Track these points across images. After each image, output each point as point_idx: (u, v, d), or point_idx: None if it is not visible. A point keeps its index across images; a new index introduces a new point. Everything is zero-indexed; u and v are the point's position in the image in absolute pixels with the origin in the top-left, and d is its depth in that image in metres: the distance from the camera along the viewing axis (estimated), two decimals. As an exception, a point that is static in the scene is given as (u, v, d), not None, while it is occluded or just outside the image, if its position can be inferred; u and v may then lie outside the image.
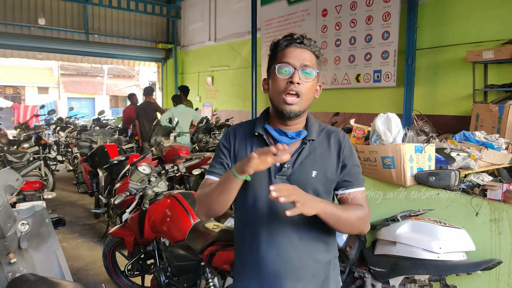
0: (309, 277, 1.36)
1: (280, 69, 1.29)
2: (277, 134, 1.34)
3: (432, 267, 2.08)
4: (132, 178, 2.83)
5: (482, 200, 2.19)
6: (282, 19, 7.89)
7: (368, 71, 6.33)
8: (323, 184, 1.35)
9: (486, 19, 5.01)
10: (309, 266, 1.36)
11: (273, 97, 1.33)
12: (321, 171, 1.34)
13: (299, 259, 1.34)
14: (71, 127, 9.55)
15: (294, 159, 1.33)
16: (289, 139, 1.33)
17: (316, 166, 1.34)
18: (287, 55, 1.29)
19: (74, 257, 4.02)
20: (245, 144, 1.39)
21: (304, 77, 1.28)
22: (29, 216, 1.85)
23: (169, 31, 11.95)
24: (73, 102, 21.86)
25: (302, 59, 1.29)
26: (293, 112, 1.29)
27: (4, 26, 9.32)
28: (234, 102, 9.70)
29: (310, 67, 1.29)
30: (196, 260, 2.38)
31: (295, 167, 1.32)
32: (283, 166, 1.32)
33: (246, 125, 1.45)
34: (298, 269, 1.34)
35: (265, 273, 1.35)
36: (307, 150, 1.35)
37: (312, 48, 1.31)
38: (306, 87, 1.29)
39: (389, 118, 2.52)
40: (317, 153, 1.35)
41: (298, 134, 1.35)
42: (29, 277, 1.58)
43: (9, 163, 4.35)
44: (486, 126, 4.27)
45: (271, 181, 1.32)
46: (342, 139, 1.39)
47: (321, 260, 1.39)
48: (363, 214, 1.35)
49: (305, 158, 1.34)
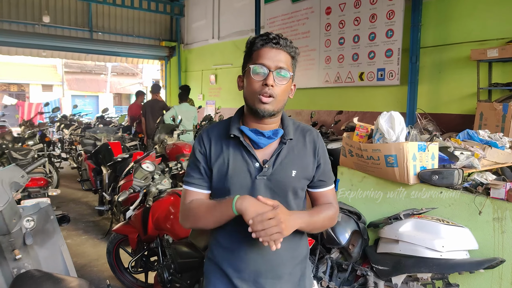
0: (287, 275, 1.37)
1: (254, 70, 1.27)
2: (253, 134, 1.32)
3: (434, 265, 2.08)
4: (135, 175, 2.84)
5: (485, 199, 2.19)
6: (285, 17, 7.87)
7: (371, 70, 6.31)
8: (301, 183, 1.37)
9: (491, 17, 4.98)
10: (287, 264, 1.37)
11: (247, 96, 1.32)
12: (299, 170, 1.35)
13: (278, 257, 1.34)
14: (75, 124, 9.59)
15: (274, 159, 1.33)
16: (267, 139, 1.32)
17: (295, 165, 1.35)
18: (262, 56, 1.27)
19: (78, 253, 4.05)
20: (221, 146, 1.36)
21: (278, 79, 1.27)
22: (34, 213, 1.86)
23: (173, 29, 11.95)
24: (77, 99, 21.95)
25: (277, 61, 1.27)
26: (267, 112, 1.28)
27: (8, 23, 9.36)
28: (237, 100, 9.70)
29: (284, 69, 1.28)
30: (199, 257, 2.39)
31: (275, 167, 1.32)
32: (263, 167, 1.32)
33: (219, 126, 1.42)
34: (277, 267, 1.35)
35: (245, 273, 1.34)
36: (286, 149, 1.35)
37: (287, 49, 1.30)
38: (280, 89, 1.28)
39: (392, 116, 2.51)
40: (295, 152, 1.36)
41: (275, 133, 1.33)
42: (34, 273, 1.59)
43: (14, 160, 4.38)
44: (490, 125, 4.25)
45: (252, 181, 1.31)
46: (316, 138, 1.41)
47: (297, 257, 1.41)
48: (333, 213, 1.41)
49: (285, 157, 1.34)
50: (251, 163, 1.33)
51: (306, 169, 1.37)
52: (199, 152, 1.38)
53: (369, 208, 2.66)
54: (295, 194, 1.37)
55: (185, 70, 11.90)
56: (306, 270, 1.46)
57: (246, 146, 1.33)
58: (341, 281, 2.56)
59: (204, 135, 1.41)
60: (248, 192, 1.31)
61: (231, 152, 1.34)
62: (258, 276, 1.34)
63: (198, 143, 1.40)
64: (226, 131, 1.37)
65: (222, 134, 1.38)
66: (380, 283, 2.38)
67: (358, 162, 2.73)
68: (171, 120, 6.24)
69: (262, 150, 1.35)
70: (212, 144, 1.37)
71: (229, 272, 1.36)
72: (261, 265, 1.33)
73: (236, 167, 1.33)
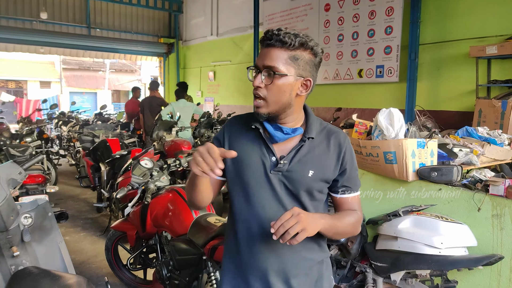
0: (302, 275, 1.34)
1: (248, 71, 1.27)
2: (272, 128, 1.29)
3: (433, 262, 2.08)
4: (134, 172, 2.83)
5: (484, 195, 2.19)
6: (284, 14, 7.85)
7: (370, 66, 6.31)
8: (318, 184, 1.31)
9: (490, 14, 4.97)
10: (302, 264, 1.34)
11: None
12: (318, 171, 1.29)
13: (292, 257, 1.31)
14: (73, 121, 9.56)
15: (292, 155, 1.29)
16: (284, 134, 1.29)
17: (313, 165, 1.29)
18: (259, 56, 1.25)
19: (76, 250, 4.04)
20: (240, 137, 1.35)
21: (266, 80, 1.21)
22: (32, 210, 1.85)
23: (171, 25, 11.91)
24: (75, 96, 21.86)
25: (264, 60, 1.21)
26: (260, 114, 1.25)
27: (6, 20, 9.31)
28: (236, 97, 9.69)
29: (271, 68, 1.20)
30: (198, 254, 2.39)
31: (292, 164, 1.29)
32: (279, 162, 1.29)
33: (244, 117, 1.40)
34: (291, 267, 1.32)
35: (257, 270, 1.32)
36: (306, 148, 1.30)
37: (280, 44, 1.20)
38: (270, 90, 1.22)
39: (391, 113, 2.51)
40: (316, 152, 1.31)
41: (294, 130, 1.30)
42: (32, 270, 1.59)
43: (11, 157, 4.36)
44: (489, 122, 4.25)
45: (267, 176, 1.29)
46: (343, 142, 1.34)
47: (314, 259, 1.36)
48: (356, 220, 1.35)
49: (304, 156, 1.30)
50: (268, 156, 1.30)
51: (325, 172, 1.31)
52: (217, 141, 1.39)
53: (368, 205, 2.66)
54: (310, 195, 1.32)
55: (184, 67, 11.87)
56: (324, 272, 1.40)
57: (265, 138, 1.30)
58: (340, 277, 2.56)
59: (226, 126, 1.41)
60: (261, 186, 1.29)
61: (250, 144, 1.32)
62: (270, 275, 1.31)
63: (220, 132, 1.41)
64: (249, 122, 1.34)
65: (245, 125, 1.36)
66: (378, 280, 2.38)
67: (357, 159, 2.73)
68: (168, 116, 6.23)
69: (281, 146, 1.31)
70: (232, 134, 1.36)
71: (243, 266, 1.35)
72: (273, 263, 1.31)
73: (252, 160, 1.30)
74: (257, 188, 1.30)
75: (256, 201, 1.31)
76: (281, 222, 1.10)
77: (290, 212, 1.12)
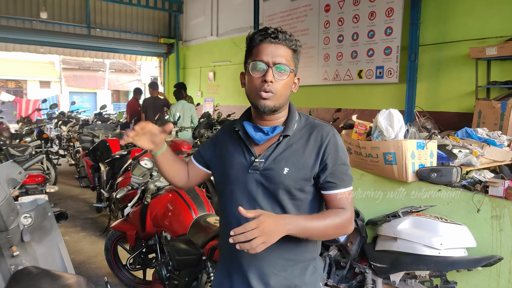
0: (281, 277, 1.31)
1: (253, 67, 1.26)
2: (252, 130, 1.33)
3: (433, 263, 2.09)
4: (134, 172, 2.83)
5: (484, 196, 2.19)
6: (284, 14, 7.85)
7: (370, 67, 6.31)
8: (295, 182, 1.28)
9: (490, 15, 4.98)
10: (279, 263, 1.31)
11: (249, 93, 1.31)
12: (293, 168, 1.28)
13: (267, 255, 1.25)
14: (73, 121, 9.55)
15: (268, 154, 1.31)
16: (265, 134, 1.31)
17: (289, 163, 1.28)
18: (261, 52, 1.26)
19: (76, 250, 4.04)
20: (227, 139, 1.42)
21: (278, 74, 1.25)
22: (31, 210, 1.86)
23: (171, 25, 11.91)
24: (75, 96, 21.85)
25: (275, 56, 1.25)
26: (268, 107, 1.27)
27: (6, 19, 9.31)
28: (235, 98, 9.69)
29: (283, 64, 1.25)
30: (197, 254, 2.39)
31: (267, 162, 1.30)
32: (254, 161, 1.31)
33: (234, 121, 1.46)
34: (265, 265, 1.31)
35: (238, 266, 1.35)
36: (283, 145, 1.31)
37: (287, 43, 1.27)
38: (281, 84, 1.26)
39: (391, 114, 2.51)
40: (293, 149, 1.30)
41: (274, 129, 1.32)
42: (32, 270, 1.59)
43: (11, 156, 4.36)
44: (488, 123, 4.26)
45: (246, 175, 1.32)
46: (325, 136, 1.30)
47: (293, 260, 1.33)
48: (342, 221, 1.27)
49: (279, 154, 1.30)
50: (248, 157, 1.33)
51: (302, 169, 1.28)
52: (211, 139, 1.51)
53: (367, 206, 2.66)
54: (288, 194, 1.29)
55: (184, 67, 11.87)
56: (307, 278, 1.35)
57: (244, 140, 1.35)
58: (339, 278, 2.57)
59: (219, 130, 1.52)
60: (242, 187, 1.33)
61: (234, 145, 1.38)
62: (247, 270, 1.33)
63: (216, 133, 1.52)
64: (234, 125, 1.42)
65: (232, 128, 1.42)
66: (378, 281, 2.38)
67: (356, 160, 2.73)
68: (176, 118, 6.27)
69: (261, 146, 1.34)
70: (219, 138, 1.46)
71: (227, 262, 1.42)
72: (248, 259, 1.32)
73: (234, 160, 1.36)
74: (237, 187, 1.34)
75: (234, 200, 1.34)
76: (243, 231, 1.09)
77: (255, 222, 1.09)
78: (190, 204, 2.65)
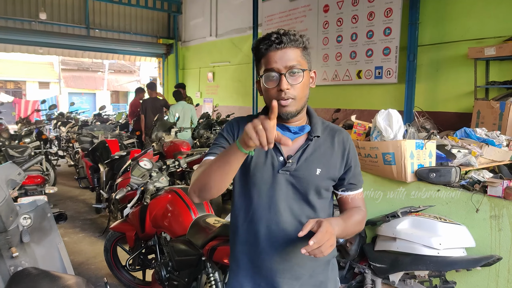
0: (306, 276, 1.34)
1: (266, 78, 1.24)
2: (279, 129, 1.28)
3: (432, 263, 2.09)
4: (133, 173, 2.83)
5: (483, 196, 2.19)
6: (283, 15, 7.86)
7: (369, 68, 6.32)
8: (325, 182, 1.33)
9: (488, 15, 4.99)
10: (307, 264, 1.34)
11: (267, 102, 1.29)
12: (325, 169, 1.31)
13: (297, 257, 1.31)
14: (72, 122, 9.55)
15: (299, 155, 1.30)
16: (292, 134, 1.30)
17: (320, 164, 1.31)
18: (270, 61, 1.23)
19: (75, 251, 4.04)
20: None
21: (292, 79, 1.23)
22: (31, 211, 1.86)
23: (170, 26, 11.91)
24: (74, 97, 21.84)
25: (285, 61, 1.22)
26: (290, 113, 1.26)
27: (4, 20, 9.30)
28: (235, 98, 9.69)
29: (295, 67, 1.22)
30: (197, 255, 2.39)
31: (299, 163, 1.29)
32: (287, 162, 1.29)
33: (248, 118, 1.39)
34: (296, 267, 1.32)
35: (263, 270, 1.33)
36: (312, 147, 1.31)
37: (293, 44, 1.23)
38: (298, 88, 1.24)
39: (390, 114, 2.51)
40: (322, 150, 1.32)
41: (301, 129, 1.32)
42: (31, 271, 1.59)
43: (10, 157, 4.36)
44: (487, 123, 4.26)
45: (274, 176, 1.29)
46: (346, 140, 1.37)
47: (319, 259, 1.36)
48: (362, 218, 1.37)
49: (310, 155, 1.31)
50: (276, 157, 1.30)
51: (332, 169, 1.32)
52: (228, 134, 1.36)
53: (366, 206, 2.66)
54: (318, 194, 1.32)
55: (183, 68, 11.87)
56: (329, 273, 1.41)
57: None
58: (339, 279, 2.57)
59: (235, 123, 1.38)
60: (269, 186, 1.30)
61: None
62: (275, 275, 1.32)
63: (228, 127, 1.38)
64: None
65: None
66: (377, 281, 2.39)
67: (355, 160, 2.74)
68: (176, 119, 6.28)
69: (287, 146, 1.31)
70: (240, 133, 1.33)
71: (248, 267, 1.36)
72: (278, 263, 1.32)
73: (259, 160, 1.31)
74: (265, 188, 1.31)
75: (262, 202, 1.31)
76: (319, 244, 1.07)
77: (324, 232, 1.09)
78: (189, 205, 2.65)
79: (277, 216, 1.30)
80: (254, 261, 1.34)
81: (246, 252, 1.36)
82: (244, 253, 1.37)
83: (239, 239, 1.38)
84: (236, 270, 1.41)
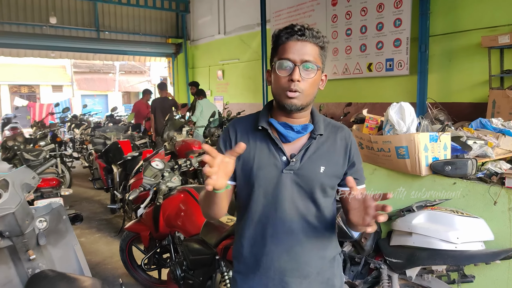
0: (314, 274, 1.34)
1: (280, 65, 1.24)
2: (282, 128, 1.29)
3: (449, 257, 2.05)
4: (145, 173, 2.85)
5: (500, 188, 2.14)
6: (291, 10, 7.81)
7: (380, 60, 6.24)
8: (330, 180, 1.32)
9: (501, 2, 4.87)
10: (314, 262, 1.34)
11: (275, 91, 1.29)
12: (328, 167, 1.30)
13: (305, 256, 1.32)
14: (85, 124, 9.68)
15: (302, 153, 1.29)
16: (295, 133, 1.29)
17: (324, 161, 1.30)
18: (288, 50, 1.23)
19: (92, 251, 4.10)
20: (247, 138, 1.32)
21: (305, 73, 1.23)
22: (46, 213, 1.88)
23: (179, 25, 11.96)
24: (87, 99, 22.17)
25: (302, 54, 1.22)
26: (295, 106, 1.25)
27: (16, 26, 9.46)
28: (245, 95, 9.69)
29: (311, 62, 1.23)
30: (211, 253, 2.39)
31: (303, 162, 1.29)
32: (290, 161, 1.29)
33: (247, 119, 1.40)
34: (304, 266, 1.32)
35: (271, 270, 1.32)
36: (315, 145, 1.31)
37: (314, 40, 1.24)
38: (308, 83, 1.24)
39: (402, 107, 2.47)
40: (325, 148, 1.32)
41: (305, 128, 1.31)
42: (49, 273, 1.61)
43: (26, 161, 4.43)
44: (503, 113, 4.17)
45: (279, 175, 1.29)
46: (348, 136, 1.37)
47: (326, 257, 1.37)
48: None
49: (313, 153, 1.30)
50: (278, 156, 1.29)
51: (336, 166, 1.32)
52: (224, 144, 1.36)
53: (381, 201, 2.64)
54: (323, 192, 1.32)
55: (192, 67, 11.91)
56: (336, 270, 1.41)
57: (274, 139, 1.30)
58: (354, 274, 2.55)
59: (230, 127, 1.38)
60: (274, 186, 1.29)
61: (258, 145, 1.31)
62: (284, 274, 1.32)
63: (223, 136, 1.38)
64: (254, 123, 1.34)
65: (250, 126, 1.35)
66: (394, 276, 2.36)
67: (368, 155, 2.70)
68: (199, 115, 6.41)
69: (290, 145, 1.31)
70: (238, 137, 1.34)
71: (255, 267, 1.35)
72: (286, 262, 1.31)
73: (262, 161, 1.30)
74: (270, 189, 1.30)
75: (268, 202, 1.31)
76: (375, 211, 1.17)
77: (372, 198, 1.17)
78: (202, 204, 2.66)
79: (284, 215, 1.30)
80: (262, 262, 1.33)
81: (253, 253, 1.35)
82: (251, 254, 1.36)
83: (246, 241, 1.37)
84: (244, 271, 1.39)
